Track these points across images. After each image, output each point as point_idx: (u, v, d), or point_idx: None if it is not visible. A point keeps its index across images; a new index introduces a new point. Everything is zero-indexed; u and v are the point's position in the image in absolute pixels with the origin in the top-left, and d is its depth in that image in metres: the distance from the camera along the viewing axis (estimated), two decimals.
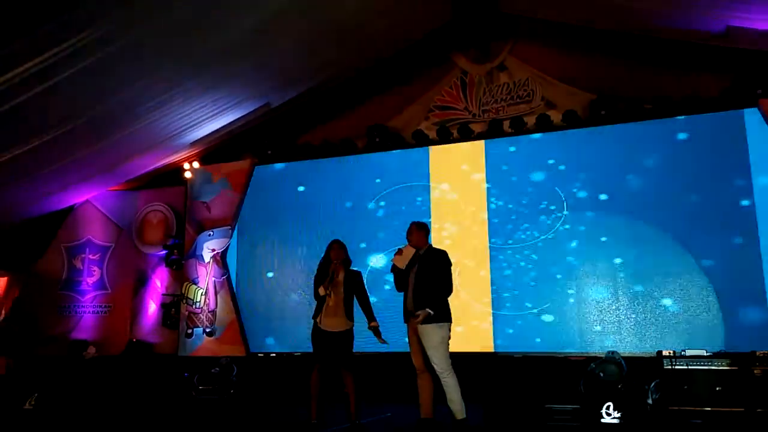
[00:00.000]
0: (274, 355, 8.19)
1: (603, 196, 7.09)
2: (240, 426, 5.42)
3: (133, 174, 9.25)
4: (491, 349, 7.18)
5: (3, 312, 9.75)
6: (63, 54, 5.63)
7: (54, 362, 8.67)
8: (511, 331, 7.17)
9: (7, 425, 2.76)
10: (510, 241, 7.36)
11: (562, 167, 7.30)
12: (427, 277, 4.72)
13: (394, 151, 8.15)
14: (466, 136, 7.87)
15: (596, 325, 6.87)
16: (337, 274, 5.08)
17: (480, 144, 7.73)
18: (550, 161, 7.36)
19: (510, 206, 7.44)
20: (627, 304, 6.80)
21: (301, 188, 8.50)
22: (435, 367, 4.61)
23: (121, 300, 9.44)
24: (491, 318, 7.25)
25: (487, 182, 7.58)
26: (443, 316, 4.68)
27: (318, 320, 5.05)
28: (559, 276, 7.11)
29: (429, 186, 7.85)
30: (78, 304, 9.51)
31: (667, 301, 6.66)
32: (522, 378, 6.85)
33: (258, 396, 7.66)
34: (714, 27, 6.31)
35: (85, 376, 8.35)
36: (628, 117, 7.16)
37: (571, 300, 7.00)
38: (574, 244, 7.11)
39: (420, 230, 4.92)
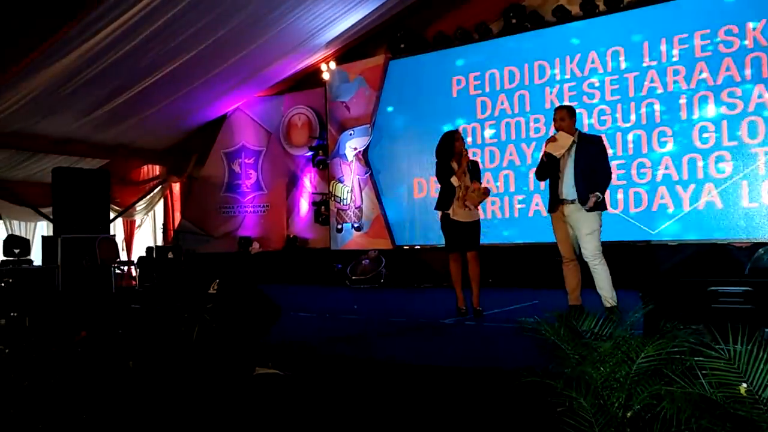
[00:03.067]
0: (418, 247, 8.49)
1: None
2: (394, 312, 5.79)
3: (275, 79, 9.65)
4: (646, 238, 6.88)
5: (179, 215, 11.01)
6: None
7: (226, 257, 9.75)
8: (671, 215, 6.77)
9: (196, 304, 3.30)
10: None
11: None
12: (588, 164, 4.53)
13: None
14: (614, 7, 7.14)
15: (764, 208, 6.25)
16: (467, 164, 5.08)
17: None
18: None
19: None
20: None
21: (436, 80, 8.34)
22: (585, 253, 4.50)
23: (276, 199, 10.22)
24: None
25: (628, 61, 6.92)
26: (601, 204, 4.53)
27: (450, 211, 5.10)
28: (721, 156, 6.47)
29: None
30: (240, 205, 10.43)
31: None
32: (680, 266, 6.52)
33: (406, 285, 8.07)
34: None
35: (254, 268, 9.31)
36: None
37: (733, 178, 6.39)
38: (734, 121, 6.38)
39: (572, 116, 4.67)
